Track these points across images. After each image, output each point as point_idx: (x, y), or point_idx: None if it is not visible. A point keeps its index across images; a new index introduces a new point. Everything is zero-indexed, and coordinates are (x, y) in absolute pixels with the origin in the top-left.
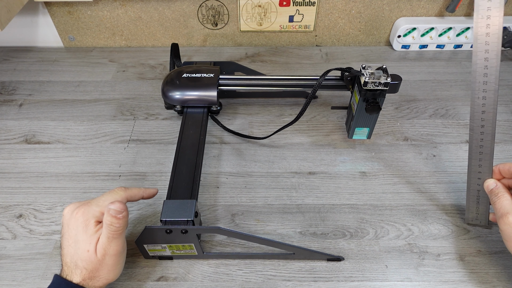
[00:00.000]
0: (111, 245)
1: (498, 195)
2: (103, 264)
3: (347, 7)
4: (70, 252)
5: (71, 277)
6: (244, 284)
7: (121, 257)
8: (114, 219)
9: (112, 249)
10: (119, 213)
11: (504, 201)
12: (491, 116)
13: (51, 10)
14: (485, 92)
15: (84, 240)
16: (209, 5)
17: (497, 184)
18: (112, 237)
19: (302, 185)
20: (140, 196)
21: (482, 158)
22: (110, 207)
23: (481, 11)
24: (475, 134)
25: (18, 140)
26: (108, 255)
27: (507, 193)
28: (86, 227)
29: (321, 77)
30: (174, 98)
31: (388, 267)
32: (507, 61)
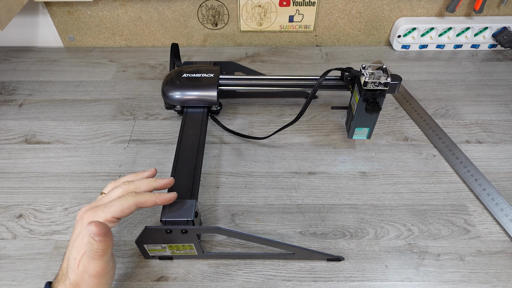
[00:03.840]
0: (90, 265)
1: None
2: (83, 281)
3: (347, 7)
4: (67, 256)
5: (57, 285)
6: (244, 284)
7: (103, 279)
8: (93, 240)
9: (91, 269)
10: (96, 235)
11: None
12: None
13: (51, 10)
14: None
15: (78, 246)
16: (209, 5)
17: None
18: (92, 257)
19: (302, 185)
20: (152, 203)
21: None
22: (86, 228)
23: None
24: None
25: (18, 140)
26: (86, 274)
27: None
28: (86, 235)
29: (321, 77)
30: (174, 98)
31: (388, 267)
32: (507, 61)
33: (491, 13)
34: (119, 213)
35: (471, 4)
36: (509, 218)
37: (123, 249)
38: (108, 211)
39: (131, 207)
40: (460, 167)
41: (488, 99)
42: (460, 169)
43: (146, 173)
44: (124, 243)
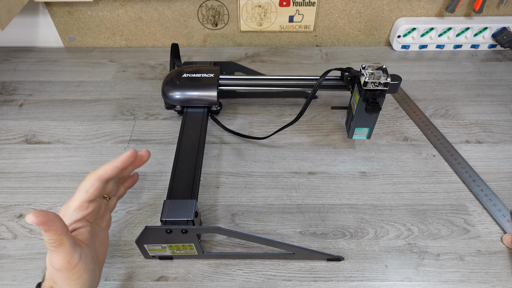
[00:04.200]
0: (53, 259)
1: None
2: (55, 277)
3: (347, 7)
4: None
5: (43, 283)
6: (244, 284)
7: (71, 273)
8: (42, 231)
9: (54, 262)
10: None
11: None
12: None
13: (52, 10)
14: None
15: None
16: (209, 5)
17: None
18: (49, 250)
19: (302, 185)
20: (113, 168)
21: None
22: (26, 218)
23: None
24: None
25: (18, 140)
26: (53, 269)
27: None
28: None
29: (321, 77)
30: (174, 98)
31: (388, 267)
32: (506, 61)
33: (490, 13)
34: (85, 195)
35: (470, 4)
36: (506, 219)
37: (123, 249)
38: (74, 198)
39: (94, 184)
40: (458, 167)
41: (488, 99)
42: (459, 169)
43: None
44: (124, 243)
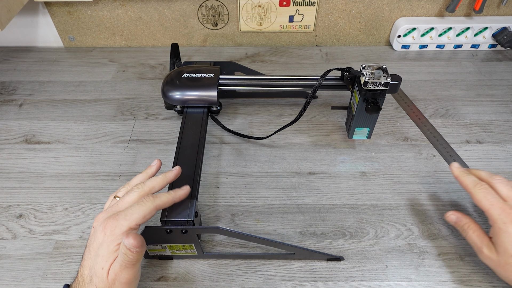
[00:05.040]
0: (123, 273)
1: (463, 228)
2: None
3: (347, 7)
4: (89, 264)
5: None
6: (244, 284)
7: (132, 284)
8: (129, 251)
9: (123, 277)
10: (134, 248)
11: (473, 236)
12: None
13: (51, 10)
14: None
15: (103, 256)
16: (209, 5)
17: (458, 216)
18: (125, 266)
19: (302, 185)
20: (170, 203)
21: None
22: (124, 241)
23: None
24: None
25: (18, 140)
26: (118, 282)
27: (471, 222)
28: (110, 244)
29: (321, 77)
30: (174, 98)
31: (388, 267)
32: (507, 61)
33: (491, 13)
34: (141, 220)
35: (471, 4)
36: None
37: None
38: (131, 218)
39: (152, 212)
40: None
41: (488, 99)
42: None
43: (153, 168)
44: None
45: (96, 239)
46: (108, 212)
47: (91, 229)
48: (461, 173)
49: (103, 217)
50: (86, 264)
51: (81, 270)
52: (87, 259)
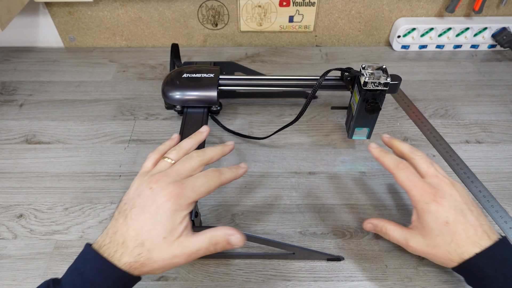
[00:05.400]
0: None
1: (382, 231)
2: (165, 262)
3: (347, 7)
4: (140, 226)
5: (118, 256)
6: (244, 284)
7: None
8: (226, 245)
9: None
10: (238, 245)
11: (393, 234)
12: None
13: (52, 11)
14: None
15: (166, 225)
16: (209, 5)
17: (372, 222)
18: (202, 253)
19: (302, 185)
20: (232, 180)
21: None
22: (237, 236)
23: None
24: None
25: (18, 140)
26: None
27: (386, 223)
28: (175, 214)
29: (321, 77)
30: (174, 98)
31: (388, 267)
32: (506, 62)
33: (490, 13)
34: (206, 194)
35: (470, 4)
36: (504, 220)
37: None
38: (197, 191)
39: (216, 187)
40: (457, 168)
41: (488, 99)
42: (457, 170)
43: (203, 135)
44: None
45: (155, 202)
46: (168, 176)
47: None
48: (381, 154)
49: (164, 181)
50: (133, 225)
51: (122, 229)
52: (135, 220)
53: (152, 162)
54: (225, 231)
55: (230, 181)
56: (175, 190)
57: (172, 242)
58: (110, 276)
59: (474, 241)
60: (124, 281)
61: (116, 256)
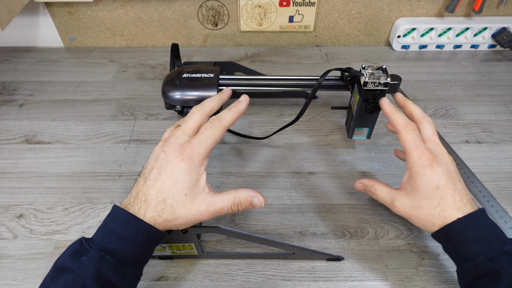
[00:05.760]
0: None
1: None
2: (188, 217)
3: (347, 7)
4: (159, 185)
5: (143, 211)
6: (244, 284)
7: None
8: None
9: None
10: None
11: (381, 194)
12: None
13: (52, 11)
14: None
15: (185, 183)
16: (209, 5)
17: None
18: (226, 212)
19: (302, 185)
20: (236, 119)
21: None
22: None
23: None
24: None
25: (18, 140)
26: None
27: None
28: (190, 171)
29: (321, 77)
30: (174, 98)
31: (388, 266)
32: (506, 62)
33: (490, 13)
34: (214, 144)
35: (470, 4)
36: (504, 220)
37: None
38: (205, 146)
39: (222, 134)
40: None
41: (488, 99)
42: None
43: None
44: None
45: (170, 163)
46: (178, 138)
47: (155, 152)
48: (392, 110)
49: (173, 142)
50: (153, 185)
51: (144, 189)
52: (154, 180)
53: (168, 133)
54: (248, 193)
55: (234, 121)
56: (185, 150)
57: (194, 199)
58: (137, 229)
59: (459, 207)
60: (150, 235)
61: (141, 212)
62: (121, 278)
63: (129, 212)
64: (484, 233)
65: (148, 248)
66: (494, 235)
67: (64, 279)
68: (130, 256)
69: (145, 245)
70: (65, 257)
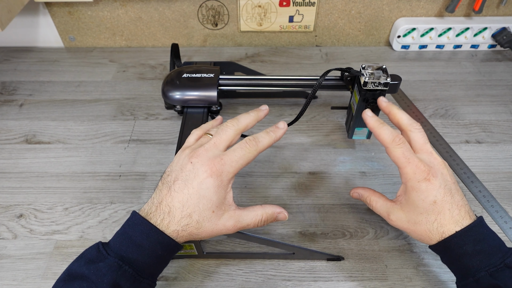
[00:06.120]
0: (240, 229)
1: (367, 201)
2: (215, 230)
3: (347, 7)
4: (185, 198)
5: (166, 224)
6: (244, 284)
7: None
8: (272, 220)
9: (236, 230)
10: (283, 220)
11: (377, 206)
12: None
13: (52, 11)
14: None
15: (212, 200)
16: (209, 5)
17: (359, 192)
18: (252, 227)
19: (302, 185)
20: (271, 145)
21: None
22: (284, 214)
23: None
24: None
25: (18, 140)
26: (227, 230)
27: (371, 194)
28: (218, 189)
29: (321, 77)
30: (174, 98)
31: (388, 266)
32: (506, 62)
33: (490, 13)
34: (245, 165)
35: (470, 4)
36: (504, 220)
37: None
38: (236, 165)
39: (255, 157)
40: (457, 168)
41: (488, 99)
42: (457, 170)
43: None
44: None
45: (197, 177)
46: (208, 150)
47: (181, 160)
48: (376, 124)
49: (204, 156)
50: (178, 197)
51: (167, 200)
52: (179, 192)
53: (195, 138)
54: (274, 209)
55: (269, 146)
56: (215, 166)
57: (221, 216)
58: (157, 241)
59: (457, 220)
60: (169, 247)
61: (164, 224)
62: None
63: (150, 223)
64: (484, 245)
65: (165, 259)
66: (494, 247)
67: (78, 285)
68: (147, 267)
69: (163, 257)
70: (81, 263)
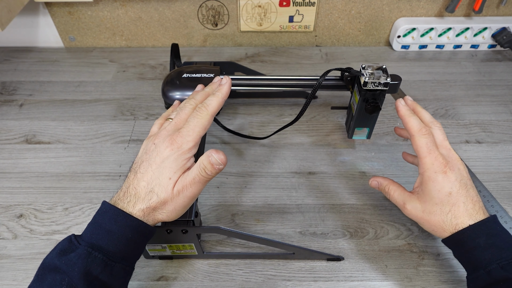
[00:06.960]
0: (192, 187)
1: (385, 190)
2: (173, 200)
3: (347, 7)
4: (149, 176)
5: (132, 205)
6: (244, 284)
7: (191, 202)
8: (210, 166)
9: (190, 191)
10: (218, 164)
11: (394, 195)
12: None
13: (52, 11)
14: None
15: (171, 168)
16: (209, 5)
17: (378, 180)
18: (198, 181)
19: (302, 185)
20: (222, 103)
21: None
22: (212, 155)
23: None
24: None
25: (18, 140)
26: (182, 194)
27: (390, 183)
28: (178, 158)
29: (321, 77)
30: (174, 98)
31: (388, 266)
32: (506, 62)
33: (490, 13)
34: (203, 131)
35: (470, 4)
36: (503, 220)
37: None
38: (194, 133)
39: (210, 120)
40: None
41: (488, 99)
42: None
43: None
44: None
45: (160, 153)
46: (168, 130)
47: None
48: (407, 113)
49: (164, 134)
50: (143, 177)
51: (134, 183)
52: (144, 173)
53: (158, 127)
54: (207, 153)
55: (220, 105)
56: (175, 139)
57: (176, 181)
58: (125, 224)
59: (471, 214)
60: (139, 229)
61: (130, 205)
62: (109, 274)
63: (117, 207)
64: (497, 240)
65: (138, 243)
66: (507, 242)
67: (51, 278)
68: (119, 251)
69: (134, 240)
70: (53, 255)
